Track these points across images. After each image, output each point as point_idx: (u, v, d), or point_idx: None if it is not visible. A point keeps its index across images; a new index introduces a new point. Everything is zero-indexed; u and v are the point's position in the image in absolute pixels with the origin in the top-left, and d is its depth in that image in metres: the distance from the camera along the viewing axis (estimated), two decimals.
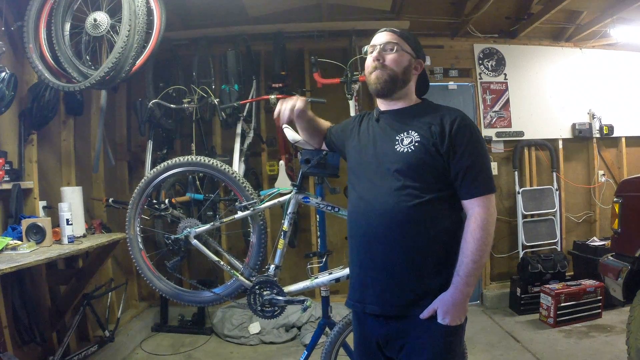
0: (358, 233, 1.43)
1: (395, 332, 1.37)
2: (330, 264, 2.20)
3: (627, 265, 2.39)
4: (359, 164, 1.48)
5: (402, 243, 1.33)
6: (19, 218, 2.46)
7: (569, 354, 3.03)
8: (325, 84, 3.21)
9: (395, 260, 1.34)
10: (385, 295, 1.36)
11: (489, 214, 1.31)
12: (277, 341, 3.46)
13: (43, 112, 2.73)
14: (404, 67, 1.44)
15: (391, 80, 1.43)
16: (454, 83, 4.25)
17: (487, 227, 1.30)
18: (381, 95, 1.47)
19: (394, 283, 1.35)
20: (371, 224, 1.37)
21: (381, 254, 1.36)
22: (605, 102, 4.36)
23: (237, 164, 3.32)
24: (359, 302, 1.43)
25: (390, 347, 1.40)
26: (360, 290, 1.43)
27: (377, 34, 1.49)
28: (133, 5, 2.40)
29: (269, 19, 3.80)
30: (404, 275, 1.34)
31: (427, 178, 1.34)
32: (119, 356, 3.15)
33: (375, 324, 1.40)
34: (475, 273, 1.30)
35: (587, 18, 4.09)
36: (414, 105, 1.48)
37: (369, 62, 1.47)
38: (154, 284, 2.27)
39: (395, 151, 1.37)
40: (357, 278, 1.45)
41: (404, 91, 1.46)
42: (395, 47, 1.43)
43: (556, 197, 4.21)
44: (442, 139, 1.34)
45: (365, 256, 1.41)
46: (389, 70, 1.42)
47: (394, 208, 1.33)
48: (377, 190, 1.37)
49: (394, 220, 1.33)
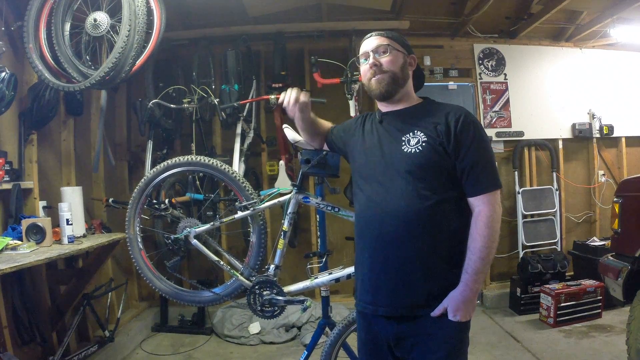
0: (369, 235, 1.42)
1: (407, 331, 1.36)
2: (330, 264, 2.20)
3: (627, 265, 2.39)
4: (365, 165, 1.48)
5: (415, 244, 1.33)
6: (19, 218, 2.46)
7: (569, 354, 3.03)
8: (325, 84, 3.21)
9: (408, 261, 1.34)
10: (398, 297, 1.36)
11: (494, 211, 1.32)
12: (277, 341, 3.46)
13: (43, 112, 2.73)
14: (401, 65, 1.45)
15: (393, 82, 1.43)
16: (454, 83, 4.24)
17: (493, 224, 1.31)
18: (385, 98, 1.47)
19: (407, 284, 1.35)
20: (383, 226, 1.37)
21: (394, 256, 1.36)
22: (605, 102, 4.36)
23: (237, 164, 3.32)
24: (371, 304, 1.43)
25: (401, 346, 1.39)
26: (372, 292, 1.42)
27: (365, 41, 1.49)
28: (133, 5, 2.40)
29: (269, 19, 3.80)
30: (416, 277, 1.34)
31: (437, 178, 1.34)
32: (119, 356, 3.15)
33: (387, 325, 1.39)
34: (484, 270, 1.31)
35: (587, 18, 4.09)
36: (417, 104, 1.48)
37: (366, 70, 1.47)
38: (153, 284, 2.27)
39: (403, 152, 1.37)
40: (368, 280, 1.44)
41: (404, 90, 1.47)
42: (387, 49, 1.44)
43: (556, 197, 4.21)
44: (448, 137, 1.34)
45: (377, 258, 1.40)
46: (389, 72, 1.43)
47: (407, 209, 1.33)
48: (387, 192, 1.37)
49: (407, 221, 1.33)
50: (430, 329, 1.33)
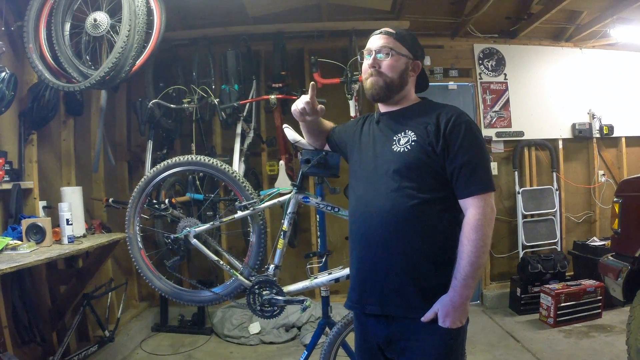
0: (357, 234, 1.42)
1: (397, 334, 1.36)
2: (330, 264, 2.20)
3: (627, 265, 2.39)
4: (358, 165, 1.48)
5: (400, 244, 1.32)
6: (19, 218, 2.46)
7: (569, 354, 3.03)
8: (325, 84, 3.21)
9: (394, 260, 1.33)
10: (385, 296, 1.35)
11: (483, 215, 1.27)
12: (277, 341, 3.46)
13: (43, 112, 2.73)
14: (400, 71, 1.41)
15: (387, 87, 1.41)
16: (454, 83, 4.25)
17: (482, 228, 1.26)
18: (377, 101, 1.47)
19: (394, 283, 1.34)
20: (370, 224, 1.37)
21: (380, 255, 1.35)
22: (605, 102, 4.36)
23: (237, 164, 3.32)
24: (358, 302, 1.43)
25: (391, 349, 1.39)
26: (359, 291, 1.42)
27: (372, 36, 1.46)
28: (133, 5, 2.40)
29: (269, 19, 3.80)
30: (403, 276, 1.33)
31: (425, 178, 1.32)
32: (119, 356, 3.15)
33: (377, 325, 1.39)
34: (474, 275, 1.27)
35: (587, 18, 4.09)
36: (413, 105, 1.47)
37: (365, 68, 1.46)
38: (153, 283, 2.27)
39: (393, 151, 1.37)
40: (356, 278, 1.45)
41: (401, 94, 1.45)
42: (390, 52, 1.40)
43: (556, 197, 4.21)
44: (437, 138, 1.32)
45: (364, 257, 1.40)
46: (384, 77, 1.40)
47: (391, 208, 1.32)
48: (375, 191, 1.37)
49: (391, 220, 1.32)
50: (421, 333, 1.31)
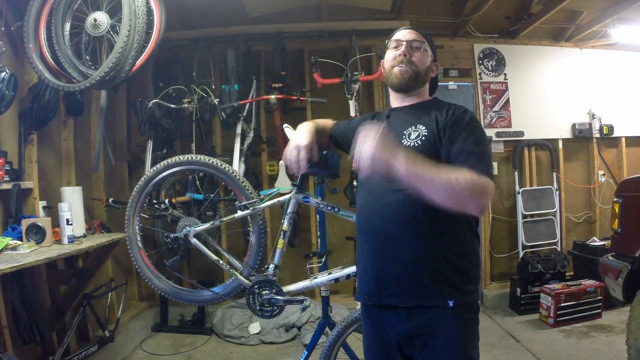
0: (371, 230, 1.42)
1: (418, 328, 1.34)
2: (330, 264, 2.20)
3: (627, 265, 2.39)
4: None
5: (415, 237, 1.33)
6: (19, 218, 2.46)
7: (569, 354, 3.03)
8: (325, 84, 3.21)
9: (411, 251, 1.33)
10: (403, 286, 1.34)
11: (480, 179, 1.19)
12: (277, 341, 3.46)
13: (43, 112, 2.73)
14: (427, 67, 1.47)
15: (415, 77, 1.44)
16: (454, 83, 4.24)
17: (471, 183, 1.17)
18: (401, 90, 1.47)
19: (411, 274, 1.33)
20: (383, 217, 1.37)
21: (396, 247, 1.35)
22: (605, 102, 4.35)
23: (237, 164, 3.32)
24: (375, 294, 1.40)
25: (412, 344, 1.36)
26: (375, 281, 1.39)
27: (402, 30, 1.50)
28: (133, 5, 2.40)
29: (269, 19, 3.80)
30: (420, 266, 1.33)
31: None
32: (119, 356, 3.15)
33: (397, 320, 1.36)
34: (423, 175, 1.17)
35: (587, 18, 4.09)
36: (425, 101, 1.50)
37: (391, 56, 1.47)
38: (152, 283, 2.27)
39: (402, 145, 1.37)
40: (371, 270, 1.41)
41: (421, 89, 1.49)
42: (422, 46, 1.46)
43: (556, 197, 4.21)
44: (444, 130, 1.34)
45: (380, 251, 1.39)
46: (414, 67, 1.44)
47: (404, 203, 1.32)
48: (387, 185, 1.35)
49: (406, 212, 1.33)
50: (440, 326, 1.31)
